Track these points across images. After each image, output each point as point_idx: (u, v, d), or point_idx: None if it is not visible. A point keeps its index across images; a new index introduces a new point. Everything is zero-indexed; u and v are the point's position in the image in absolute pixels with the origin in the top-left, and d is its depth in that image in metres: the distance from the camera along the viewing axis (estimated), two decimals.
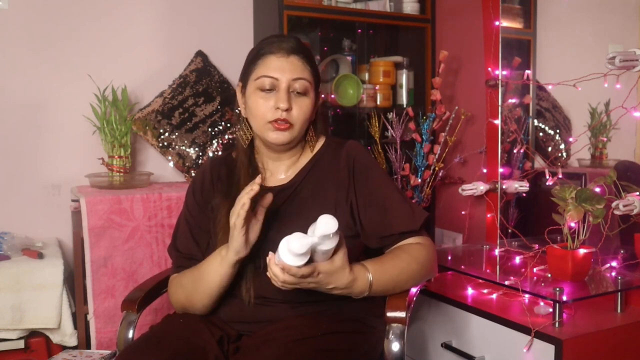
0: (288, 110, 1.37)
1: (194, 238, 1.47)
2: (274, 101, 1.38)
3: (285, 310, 1.37)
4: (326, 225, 1.17)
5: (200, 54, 2.51)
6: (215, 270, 1.35)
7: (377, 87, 2.58)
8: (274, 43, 1.41)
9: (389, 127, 2.41)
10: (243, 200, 1.26)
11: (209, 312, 1.42)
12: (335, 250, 1.24)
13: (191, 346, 1.29)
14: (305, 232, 1.19)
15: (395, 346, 1.29)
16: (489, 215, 2.14)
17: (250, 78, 1.42)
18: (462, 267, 1.89)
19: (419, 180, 2.39)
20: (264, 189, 1.45)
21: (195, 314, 1.42)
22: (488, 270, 1.88)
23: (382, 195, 1.42)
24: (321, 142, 1.51)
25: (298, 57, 1.39)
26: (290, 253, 1.18)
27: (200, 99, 2.42)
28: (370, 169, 1.45)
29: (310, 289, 1.26)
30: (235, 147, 1.53)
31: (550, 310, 1.54)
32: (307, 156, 1.49)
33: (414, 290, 1.43)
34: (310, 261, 1.22)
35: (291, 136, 1.40)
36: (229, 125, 2.42)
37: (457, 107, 2.38)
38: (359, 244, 1.43)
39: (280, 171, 1.48)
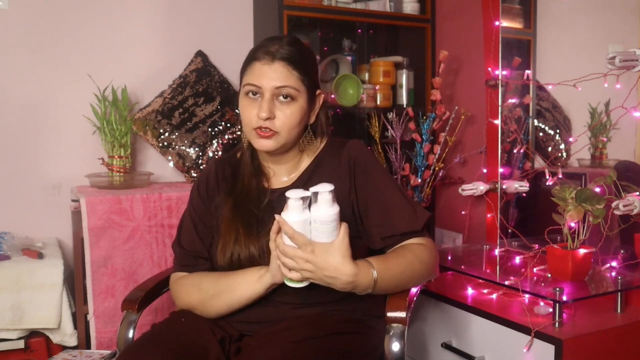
0: (269, 119, 1.36)
1: (198, 235, 1.47)
2: (257, 109, 1.37)
3: (287, 310, 1.37)
4: (322, 186, 1.22)
5: (200, 54, 2.51)
6: (248, 287, 1.36)
7: (377, 87, 2.58)
8: (263, 47, 1.38)
9: (389, 127, 2.41)
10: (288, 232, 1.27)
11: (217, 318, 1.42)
12: (337, 236, 1.25)
13: (193, 346, 1.29)
14: None
15: (396, 346, 1.29)
16: (489, 215, 2.14)
17: (241, 83, 1.42)
18: (462, 267, 1.89)
19: (419, 180, 2.39)
20: (265, 191, 1.45)
21: (198, 314, 1.42)
22: (488, 270, 1.88)
23: (384, 195, 1.42)
24: (323, 143, 1.50)
25: (283, 64, 1.36)
26: (286, 206, 1.24)
27: (200, 99, 2.42)
28: (372, 169, 1.44)
29: (308, 277, 1.25)
30: (240, 147, 1.54)
31: (550, 310, 1.54)
32: (309, 158, 1.48)
33: (414, 290, 1.43)
34: None
35: (277, 143, 1.39)
36: (229, 125, 2.42)
37: (457, 107, 2.38)
38: (362, 245, 1.43)
39: (282, 173, 1.48)
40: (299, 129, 1.41)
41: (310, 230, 1.24)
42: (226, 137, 2.41)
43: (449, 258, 2.00)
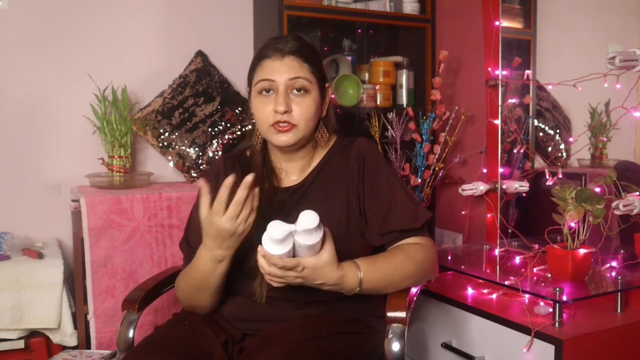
0: (287, 112, 1.37)
1: None
2: (273, 104, 1.38)
3: (290, 310, 1.37)
4: (306, 220, 1.17)
5: (200, 54, 2.51)
6: (211, 271, 1.35)
7: (377, 87, 2.58)
8: (270, 46, 1.41)
9: (389, 127, 2.41)
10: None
11: (215, 305, 1.43)
12: (323, 246, 1.24)
13: (196, 349, 1.29)
14: None
15: (396, 346, 1.29)
16: (489, 215, 2.14)
17: (252, 83, 1.43)
18: (462, 267, 1.89)
19: (419, 180, 2.39)
20: (276, 190, 1.45)
21: (200, 315, 1.42)
22: (488, 270, 1.88)
23: (387, 193, 1.42)
24: (332, 141, 1.51)
25: (294, 57, 1.39)
26: (270, 240, 1.19)
27: (200, 99, 2.42)
28: (379, 166, 1.45)
29: (298, 284, 1.26)
30: (249, 146, 1.54)
31: (550, 310, 1.54)
32: (319, 156, 1.49)
33: (414, 290, 1.43)
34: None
35: (296, 137, 1.40)
36: (229, 125, 2.42)
37: (457, 107, 2.38)
38: (367, 245, 1.43)
39: (293, 172, 1.49)
40: (314, 121, 1.43)
41: (295, 248, 1.23)
42: (226, 137, 2.41)
43: (449, 258, 2.00)
